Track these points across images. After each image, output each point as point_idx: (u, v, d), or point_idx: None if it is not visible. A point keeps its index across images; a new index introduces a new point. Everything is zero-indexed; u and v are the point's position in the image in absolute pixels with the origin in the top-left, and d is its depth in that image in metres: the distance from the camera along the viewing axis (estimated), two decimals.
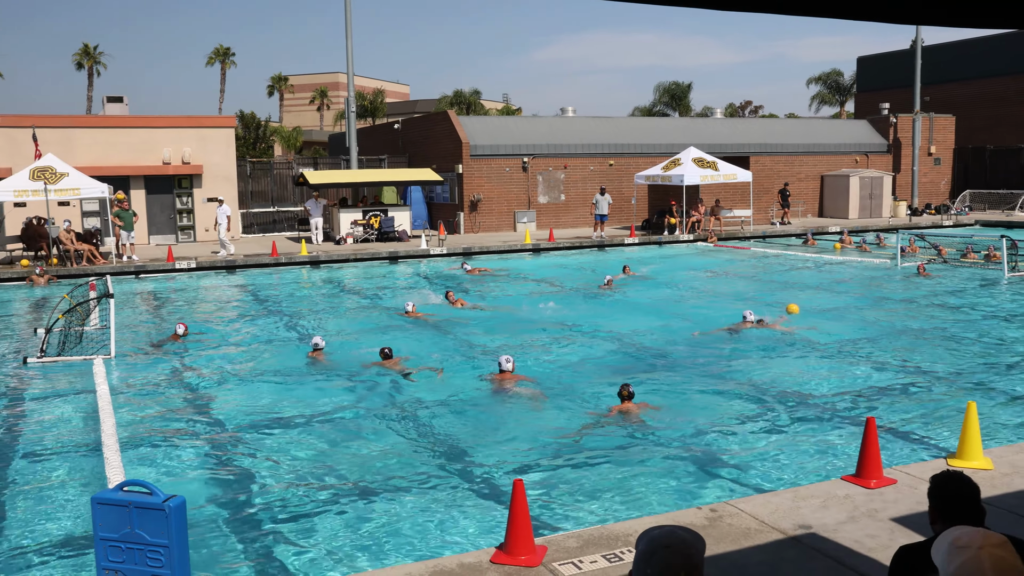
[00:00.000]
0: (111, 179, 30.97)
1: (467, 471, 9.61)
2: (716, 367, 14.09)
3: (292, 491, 9.09)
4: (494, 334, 16.95)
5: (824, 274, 24.94)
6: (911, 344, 15.59)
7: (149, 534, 5.73)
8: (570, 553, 6.48)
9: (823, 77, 79.91)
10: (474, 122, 39.28)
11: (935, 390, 12.51)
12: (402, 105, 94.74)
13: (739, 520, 7.02)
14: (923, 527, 6.56)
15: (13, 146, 31.72)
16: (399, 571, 6.31)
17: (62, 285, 23.84)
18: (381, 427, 11.27)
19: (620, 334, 16.81)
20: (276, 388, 13.36)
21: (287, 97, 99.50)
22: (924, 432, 10.60)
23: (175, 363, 15.33)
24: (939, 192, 45.91)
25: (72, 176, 27.41)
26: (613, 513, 8.27)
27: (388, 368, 14.20)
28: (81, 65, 79.39)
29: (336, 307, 21.43)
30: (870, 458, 7.74)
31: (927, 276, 23.29)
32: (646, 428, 10.92)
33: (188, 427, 11.53)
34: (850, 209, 41.42)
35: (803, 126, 46.13)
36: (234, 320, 19.71)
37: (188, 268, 27.62)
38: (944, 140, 45.94)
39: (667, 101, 76.14)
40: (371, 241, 32.90)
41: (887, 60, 55.66)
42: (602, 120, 41.31)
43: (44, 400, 13.05)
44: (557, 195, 38.68)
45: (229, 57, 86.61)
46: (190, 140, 34.60)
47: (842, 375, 13.47)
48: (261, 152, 67.50)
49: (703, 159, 35.31)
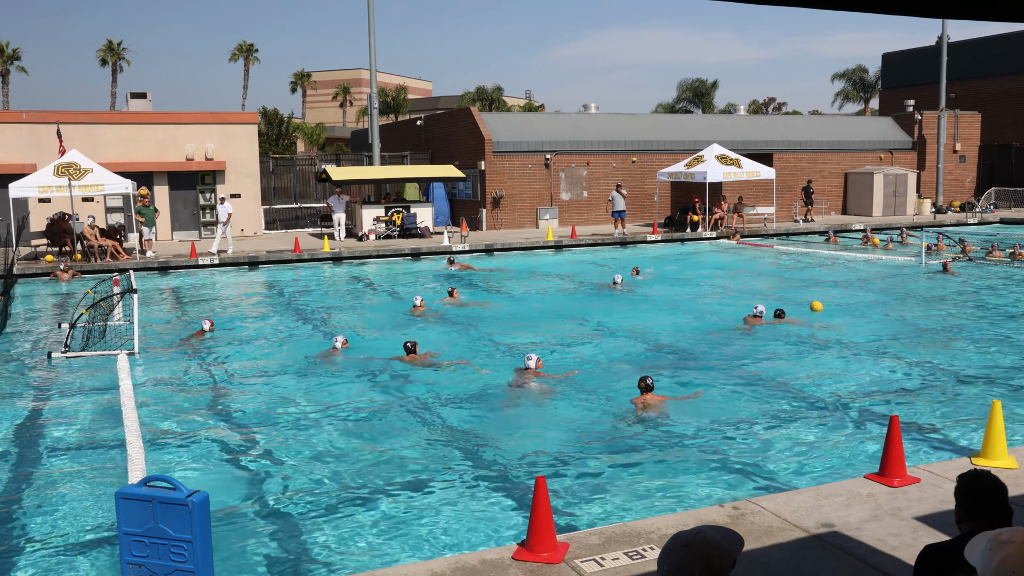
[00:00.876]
0: (135, 175, 31.16)
1: (489, 467, 9.61)
2: (738, 364, 14.03)
3: (314, 487, 9.12)
4: (511, 329, 16.94)
5: (848, 272, 24.78)
6: (935, 342, 15.47)
7: (173, 529, 5.76)
8: (592, 550, 6.47)
9: (848, 74, 79.39)
10: (497, 119, 39.27)
11: (959, 388, 12.42)
12: (425, 101, 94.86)
13: (761, 518, 6.99)
14: (947, 526, 6.52)
15: (38, 142, 31.99)
16: (422, 567, 6.32)
17: (86, 280, 24.03)
18: (403, 423, 11.30)
19: (641, 330, 16.77)
20: (299, 384, 13.41)
21: (310, 93, 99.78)
22: (948, 431, 10.52)
23: (199, 359, 15.41)
24: (964, 190, 45.53)
25: (96, 172, 27.60)
26: (636, 510, 8.25)
27: (412, 363, 14.24)
28: (105, 61, 79.89)
29: (358, 303, 21.49)
30: (894, 456, 7.69)
31: (953, 274, 23.10)
32: (668, 425, 10.90)
33: (211, 423, 11.59)
34: (874, 207, 41.13)
35: (827, 123, 45.84)
36: (257, 316, 19.80)
37: (211, 264, 27.75)
38: (969, 137, 45.54)
39: (690, 98, 75.87)
40: (393, 237, 32.96)
41: (912, 56, 55.19)
42: (625, 117, 41.20)
43: (68, 395, 13.15)
44: (579, 192, 38.62)
45: (252, 53, 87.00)
46: (213, 136, 34.77)
47: (866, 373, 13.39)
48: (284, 148, 67.69)
49: (726, 156, 35.16)
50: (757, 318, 16.93)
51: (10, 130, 32.17)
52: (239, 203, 35.24)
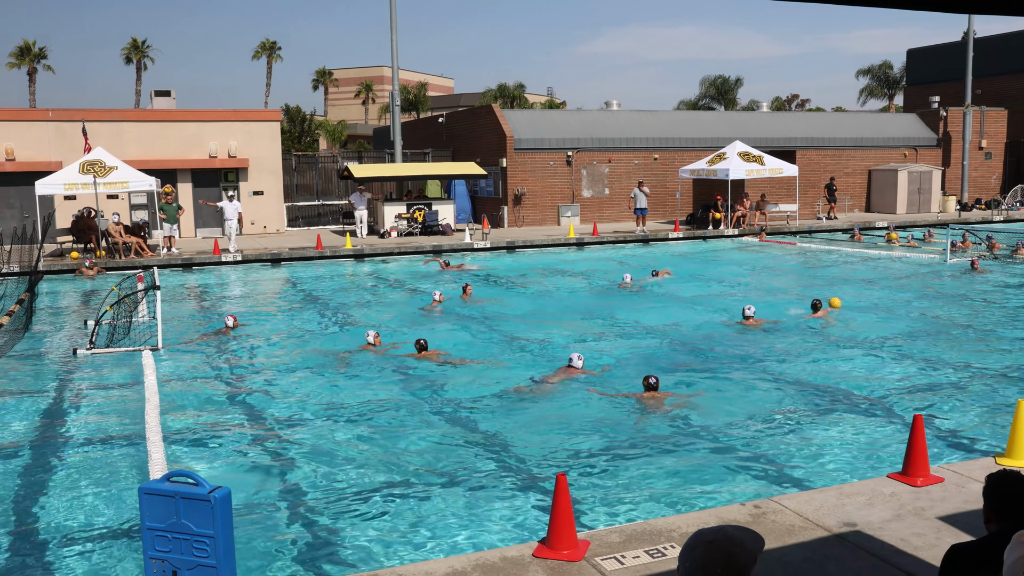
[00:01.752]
0: (158, 172, 31.39)
1: (510, 465, 9.61)
2: (761, 361, 13.97)
3: (335, 483, 9.15)
4: (526, 325, 16.94)
5: (872, 270, 24.62)
6: (959, 340, 15.35)
7: (195, 524, 5.79)
8: (612, 548, 6.46)
9: (872, 70, 78.85)
10: (518, 116, 39.27)
11: (983, 387, 12.30)
12: (446, 99, 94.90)
13: (783, 517, 6.96)
14: (971, 526, 6.47)
15: (63, 140, 32.27)
16: (442, 564, 6.33)
17: (111, 277, 24.20)
18: (423, 420, 11.32)
19: (661, 328, 16.73)
20: (321, 381, 13.46)
21: (332, 91, 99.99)
22: (972, 430, 10.44)
23: (222, 355, 15.50)
24: (990, 187, 45.14)
25: (121, 169, 27.83)
26: (656, 509, 8.23)
27: (425, 359, 14.28)
28: (130, 59, 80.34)
29: (380, 300, 21.55)
30: (917, 456, 7.63)
31: (980, 272, 22.91)
32: (690, 424, 10.87)
33: (234, 419, 11.65)
34: (898, 204, 40.86)
35: (850, 120, 45.56)
36: (279, 313, 19.89)
37: (234, 261, 27.90)
38: (995, 134, 45.14)
39: (713, 95, 75.57)
40: (415, 235, 33.02)
41: (938, 52, 54.71)
42: (647, 114, 41.10)
43: (93, 390, 13.26)
44: (601, 189, 38.57)
45: (275, 51, 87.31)
46: (236, 134, 34.94)
47: (889, 371, 13.30)
48: (306, 146, 67.96)
49: (749, 153, 35.01)
50: (749, 319, 16.77)
51: (37, 128, 32.46)
52: (262, 200, 35.45)
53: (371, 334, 15.34)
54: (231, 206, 29.35)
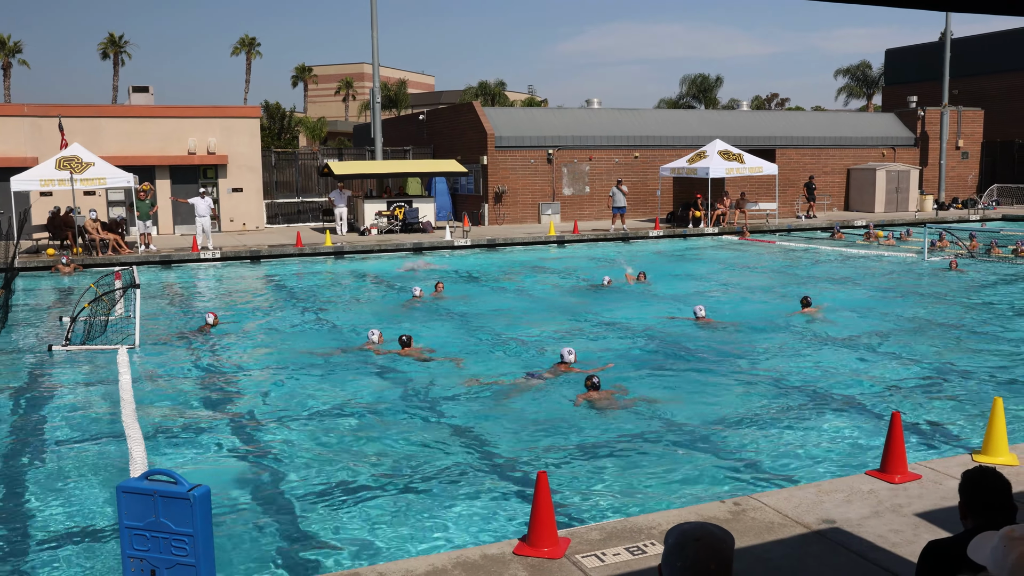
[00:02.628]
0: (137, 169, 31.16)
1: (491, 462, 9.61)
2: (740, 360, 14.02)
3: (316, 482, 9.13)
4: (504, 321, 16.96)
5: (851, 268, 24.76)
6: (937, 338, 15.46)
7: (174, 523, 5.76)
8: (593, 545, 6.48)
9: (851, 70, 79.24)
10: (499, 114, 39.25)
11: (961, 385, 12.40)
12: (427, 96, 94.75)
13: (762, 514, 6.99)
14: (947, 523, 6.52)
15: (39, 135, 31.98)
16: (422, 562, 6.32)
17: (87, 274, 24.03)
18: (404, 418, 11.30)
19: (639, 326, 16.78)
20: (301, 379, 13.41)
21: (312, 88, 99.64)
22: (949, 428, 10.52)
23: (200, 353, 15.42)
24: (967, 186, 45.49)
25: (98, 166, 27.63)
26: (636, 506, 8.26)
27: (407, 356, 14.26)
28: (107, 55, 79.82)
29: (359, 296, 21.51)
30: (895, 453, 7.69)
31: (960, 271, 23.05)
32: (669, 421, 10.89)
33: (212, 417, 11.59)
34: (876, 203, 41.10)
35: (830, 119, 45.80)
36: (258, 310, 19.80)
37: (213, 258, 27.76)
38: (972, 134, 45.49)
39: (694, 94, 75.80)
40: (395, 232, 32.96)
41: (916, 53, 55.12)
42: (628, 112, 41.17)
43: (68, 388, 13.17)
44: (582, 187, 38.60)
45: (254, 47, 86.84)
46: (215, 130, 34.75)
47: (867, 369, 13.39)
48: (286, 143, 67.74)
49: (729, 152, 35.13)
50: (702, 318, 16.89)
51: (12, 123, 32.16)
52: (241, 197, 35.26)
53: (375, 333, 15.31)
54: (203, 203, 29.13)
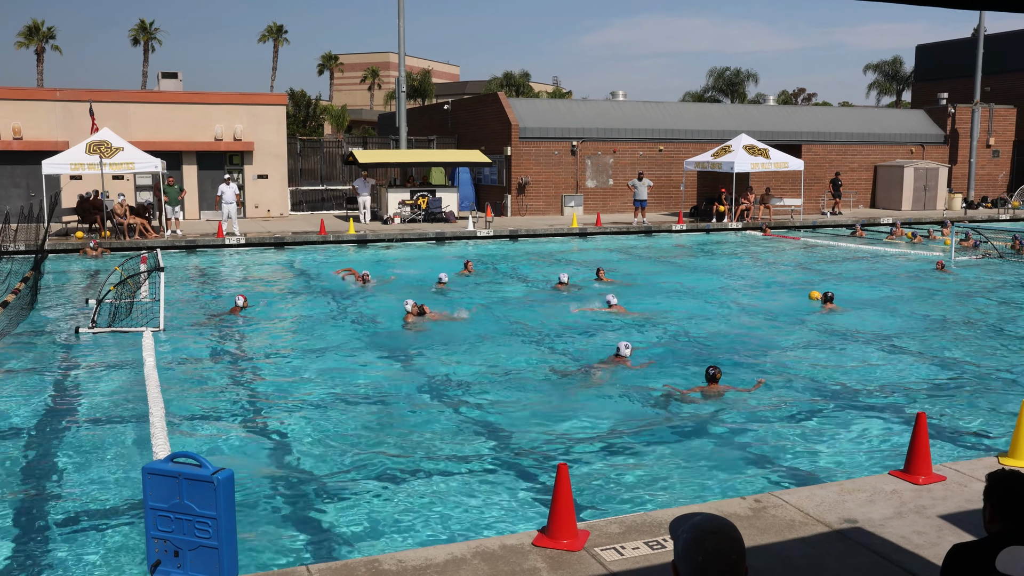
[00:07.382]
0: (164, 154, 31.35)
1: (512, 453, 9.62)
2: (763, 357, 13.97)
3: (339, 467, 9.17)
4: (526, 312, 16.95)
5: (875, 266, 24.58)
6: (963, 339, 15.33)
7: (198, 505, 5.82)
8: (612, 539, 6.48)
9: (880, 65, 78.58)
10: (524, 104, 39.19)
11: (987, 387, 12.29)
12: (452, 86, 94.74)
13: (783, 512, 6.97)
14: (973, 526, 6.47)
15: (71, 120, 32.23)
16: (441, 551, 6.34)
17: (114, 257, 24.22)
18: (429, 406, 11.33)
19: (664, 321, 16.72)
20: (326, 364, 13.47)
21: (337, 76, 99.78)
22: (975, 429, 10.44)
23: (225, 336, 15.52)
24: (997, 185, 45.03)
25: (127, 151, 27.85)
26: (656, 500, 8.25)
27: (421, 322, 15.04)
28: (137, 41, 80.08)
29: (382, 282, 21.55)
30: (919, 454, 7.63)
31: (948, 272, 22.74)
32: (692, 417, 10.87)
33: (235, 400, 11.67)
34: (903, 201, 40.75)
35: (857, 115, 45.43)
36: (281, 296, 19.88)
37: (237, 244, 27.90)
38: (1004, 132, 45.00)
39: (722, 87, 75.38)
40: (418, 221, 33.01)
41: (947, 49, 54.49)
42: (652, 105, 41.00)
43: (94, 370, 13.28)
44: (605, 180, 38.51)
45: (282, 35, 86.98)
46: (242, 117, 34.89)
47: (892, 369, 13.29)
48: (311, 130, 67.87)
49: (754, 146, 34.94)
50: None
51: (44, 108, 32.43)
52: (266, 184, 35.41)
53: (409, 303, 15.74)
54: (229, 189, 29.33)
